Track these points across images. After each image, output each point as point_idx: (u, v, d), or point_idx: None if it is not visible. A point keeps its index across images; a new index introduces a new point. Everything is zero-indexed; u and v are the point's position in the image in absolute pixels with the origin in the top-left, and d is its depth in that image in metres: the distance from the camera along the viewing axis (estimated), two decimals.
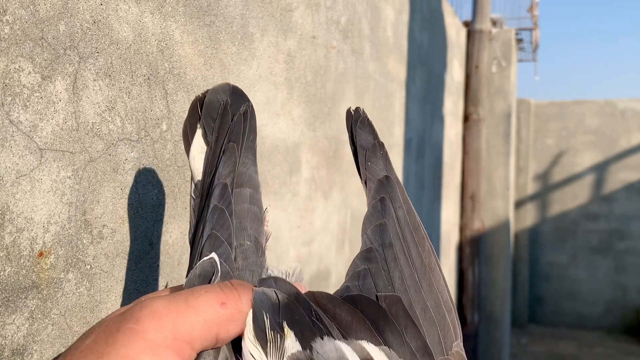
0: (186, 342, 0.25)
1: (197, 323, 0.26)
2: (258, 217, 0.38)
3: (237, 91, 0.41)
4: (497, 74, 3.03)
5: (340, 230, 1.14)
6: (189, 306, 0.26)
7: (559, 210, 5.10)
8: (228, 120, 0.39)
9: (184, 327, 0.25)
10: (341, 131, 1.12)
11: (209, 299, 0.27)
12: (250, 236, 0.36)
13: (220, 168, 0.37)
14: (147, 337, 0.24)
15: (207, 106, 0.39)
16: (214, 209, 0.34)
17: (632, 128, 4.91)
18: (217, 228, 0.34)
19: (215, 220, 0.34)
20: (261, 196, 0.40)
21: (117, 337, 0.24)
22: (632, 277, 4.91)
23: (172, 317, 0.25)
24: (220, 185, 0.36)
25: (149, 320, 0.25)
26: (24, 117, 0.43)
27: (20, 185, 0.43)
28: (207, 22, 0.67)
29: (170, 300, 0.26)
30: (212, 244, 0.33)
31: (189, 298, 0.27)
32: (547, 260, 5.16)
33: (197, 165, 0.38)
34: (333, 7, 1.05)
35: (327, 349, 0.27)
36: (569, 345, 4.56)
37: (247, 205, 0.37)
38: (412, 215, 0.36)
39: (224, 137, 0.38)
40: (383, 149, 0.39)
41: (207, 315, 0.26)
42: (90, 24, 0.49)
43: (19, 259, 0.43)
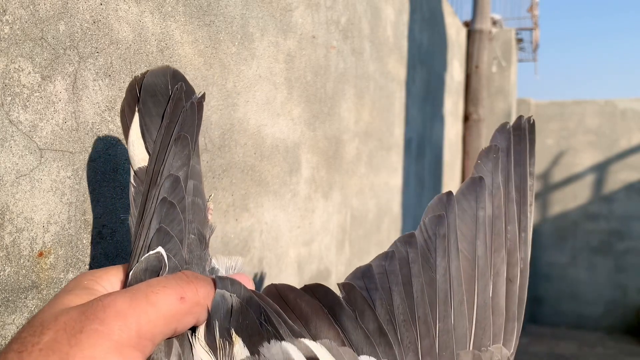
0: (149, 339, 0.26)
1: (159, 320, 0.26)
2: (202, 209, 0.37)
3: (178, 75, 0.39)
4: (497, 74, 3.02)
5: (340, 230, 1.14)
6: (149, 303, 0.26)
7: (559, 210, 5.10)
8: (181, 106, 0.37)
9: (146, 325, 0.26)
10: (341, 131, 1.12)
11: (168, 295, 0.27)
12: (194, 229, 0.36)
13: (170, 159, 0.35)
14: (112, 338, 0.24)
15: (145, 89, 0.37)
16: (163, 201, 0.34)
17: (633, 128, 4.91)
18: (166, 222, 0.33)
19: (165, 214, 0.33)
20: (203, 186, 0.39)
21: (81, 338, 0.24)
22: (632, 277, 4.91)
23: (136, 316, 0.25)
24: (171, 178, 0.35)
25: (114, 321, 0.25)
26: (23, 117, 0.43)
27: (20, 185, 0.43)
28: (207, 22, 0.67)
29: (132, 299, 0.26)
30: (160, 239, 0.33)
31: (149, 295, 0.27)
32: (547, 260, 5.16)
33: (137, 152, 0.37)
34: (333, 7, 1.05)
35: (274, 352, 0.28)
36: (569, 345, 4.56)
37: (192, 198, 0.37)
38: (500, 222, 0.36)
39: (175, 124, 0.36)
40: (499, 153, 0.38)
41: (167, 312, 0.27)
42: (90, 24, 0.49)
43: (18, 259, 0.43)
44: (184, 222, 0.34)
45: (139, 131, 0.37)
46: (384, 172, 1.44)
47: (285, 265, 0.91)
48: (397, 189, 1.58)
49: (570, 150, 5.06)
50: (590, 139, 5.01)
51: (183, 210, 0.34)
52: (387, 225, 1.49)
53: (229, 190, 0.73)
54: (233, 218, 0.74)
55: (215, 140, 0.69)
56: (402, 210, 1.64)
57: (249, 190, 0.78)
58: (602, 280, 5.00)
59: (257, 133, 0.79)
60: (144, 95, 0.37)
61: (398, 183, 1.59)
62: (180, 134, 0.36)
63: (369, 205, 1.32)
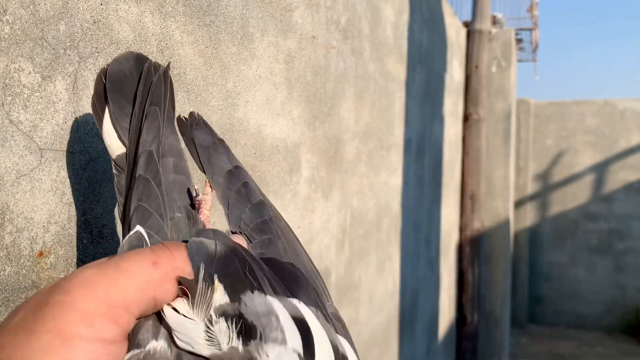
0: (121, 307, 0.24)
1: (130, 286, 0.24)
2: (186, 186, 0.37)
3: (142, 58, 0.40)
4: (497, 74, 3.03)
5: (340, 230, 1.14)
6: (119, 270, 0.25)
7: (558, 210, 5.10)
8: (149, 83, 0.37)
9: (116, 292, 0.24)
10: (341, 131, 1.12)
11: (140, 261, 0.26)
12: (180, 208, 0.35)
13: (143, 135, 0.35)
14: (78, 307, 0.23)
15: (111, 78, 0.38)
16: (139, 179, 0.33)
17: (632, 128, 4.91)
18: (143, 199, 0.33)
19: (141, 191, 0.33)
20: (186, 163, 0.39)
21: (45, 310, 0.23)
22: (632, 277, 4.91)
23: (104, 283, 0.24)
24: (145, 154, 0.34)
25: (79, 290, 0.23)
26: (24, 117, 0.43)
27: (20, 185, 0.43)
28: (207, 22, 0.67)
29: (100, 267, 0.25)
30: (139, 217, 0.32)
31: (119, 262, 0.25)
32: (547, 260, 5.16)
33: (112, 140, 0.37)
34: (333, 7, 1.05)
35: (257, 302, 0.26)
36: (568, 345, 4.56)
37: (173, 176, 0.37)
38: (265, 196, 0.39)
39: (145, 101, 0.37)
40: (224, 145, 0.39)
41: (139, 277, 0.25)
42: (90, 24, 0.49)
43: (19, 259, 0.43)
44: (161, 195, 0.33)
45: (110, 121, 0.37)
46: (384, 172, 1.44)
47: None
48: (397, 188, 1.58)
49: (569, 150, 5.07)
50: (590, 139, 5.01)
51: (159, 184, 0.34)
52: (387, 225, 1.49)
53: None
54: None
55: None
56: (402, 210, 1.64)
57: None
58: (602, 280, 5.00)
59: (257, 133, 0.80)
60: (110, 84, 0.37)
61: (398, 183, 1.59)
62: (150, 109, 0.36)
63: (368, 205, 1.33)
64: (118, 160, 0.37)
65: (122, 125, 0.37)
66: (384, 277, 1.49)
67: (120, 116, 0.37)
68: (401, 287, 1.67)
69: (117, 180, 0.36)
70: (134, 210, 0.32)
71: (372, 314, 1.40)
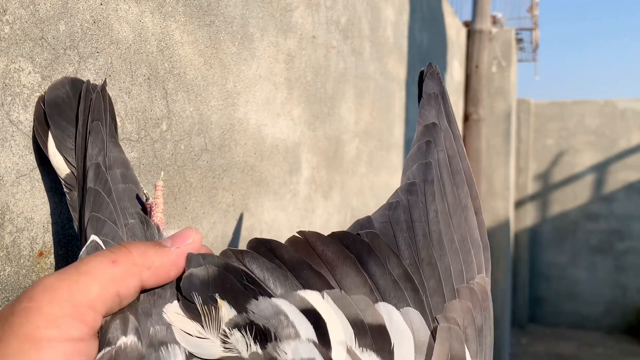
0: (86, 306, 0.25)
1: (92, 285, 0.25)
2: (135, 193, 0.38)
3: (77, 82, 0.42)
4: (497, 74, 3.03)
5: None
6: (80, 272, 0.26)
7: (559, 210, 5.10)
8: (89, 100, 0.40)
9: (79, 293, 0.25)
10: (341, 131, 1.12)
11: (99, 261, 0.27)
12: (132, 214, 0.37)
13: (89, 149, 0.37)
14: (43, 312, 0.24)
15: (49, 104, 0.40)
16: (89, 191, 0.35)
17: (632, 128, 4.91)
18: (96, 209, 0.34)
19: (93, 201, 0.34)
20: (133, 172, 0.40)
21: (13, 319, 0.24)
22: (632, 277, 4.91)
23: (66, 286, 0.25)
24: (93, 166, 0.36)
25: (42, 295, 0.24)
26: (24, 117, 0.43)
27: (20, 185, 0.43)
28: (207, 22, 0.67)
29: (62, 272, 0.26)
30: (94, 226, 0.33)
31: (79, 266, 0.26)
32: (547, 260, 5.16)
33: (59, 161, 0.39)
34: (333, 7, 1.05)
35: (263, 307, 0.28)
36: (569, 345, 4.56)
37: (122, 185, 0.38)
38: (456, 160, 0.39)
39: (87, 117, 0.39)
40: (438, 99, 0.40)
41: (100, 276, 0.26)
42: (90, 24, 0.49)
43: (19, 259, 0.43)
44: (112, 203, 0.35)
45: (54, 144, 0.39)
46: (384, 172, 1.44)
47: None
48: None
49: (570, 150, 5.07)
50: (590, 139, 5.01)
51: (109, 193, 0.35)
52: None
53: (229, 190, 0.73)
54: (233, 218, 0.75)
55: (215, 140, 0.69)
56: None
57: (249, 190, 0.78)
58: (602, 280, 5.00)
59: (257, 133, 0.80)
60: (49, 110, 0.40)
61: (398, 183, 1.59)
62: (92, 124, 0.38)
63: (369, 205, 1.33)
64: (67, 179, 0.39)
65: (67, 145, 0.39)
66: None
67: (64, 137, 0.39)
68: None
69: (69, 197, 0.38)
70: (87, 220, 0.33)
71: None
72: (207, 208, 0.68)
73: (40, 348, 0.23)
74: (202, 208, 0.67)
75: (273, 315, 0.27)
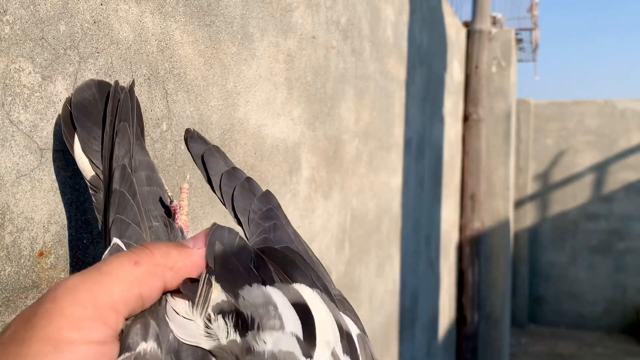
0: (108, 308, 0.25)
1: (115, 287, 0.25)
2: (160, 196, 0.39)
3: (104, 84, 0.43)
4: (497, 74, 3.03)
5: (340, 230, 1.14)
6: (102, 273, 0.25)
7: (558, 210, 5.10)
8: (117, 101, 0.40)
9: (101, 294, 0.25)
10: (341, 131, 1.12)
11: (121, 262, 0.26)
12: (156, 217, 0.37)
13: (116, 150, 0.37)
14: (65, 313, 0.23)
15: (76, 106, 0.41)
16: (114, 193, 0.35)
17: (632, 128, 4.91)
18: (120, 212, 0.34)
19: (118, 203, 0.34)
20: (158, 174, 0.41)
21: (34, 320, 0.23)
22: (632, 277, 4.91)
23: (88, 287, 0.24)
24: (119, 168, 0.36)
25: (65, 296, 0.24)
26: (24, 117, 0.43)
27: (21, 185, 0.43)
28: (207, 22, 0.67)
29: (84, 273, 0.25)
30: (117, 229, 0.33)
31: (101, 267, 0.26)
32: (547, 260, 5.16)
33: (84, 163, 0.40)
34: (333, 7, 1.05)
35: (254, 295, 0.27)
36: (568, 345, 4.56)
37: (147, 188, 0.38)
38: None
39: (115, 118, 0.39)
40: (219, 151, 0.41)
41: (123, 278, 0.26)
42: (91, 24, 0.49)
43: (19, 259, 0.43)
44: (137, 205, 0.35)
45: (80, 146, 0.40)
46: (384, 172, 1.45)
47: None
48: (397, 189, 1.58)
49: (569, 150, 5.07)
50: (590, 139, 5.01)
51: (134, 195, 0.35)
52: (387, 225, 1.49)
53: None
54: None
55: (216, 140, 0.69)
56: (402, 210, 1.64)
57: None
58: (602, 280, 5.00)
59: (257, 133, 0.80)
60: (75, 112, 0.40)
61: (398, 183, 1.59)
62: (119, 125, 0.38)
63: (369, 205, 1.33)
64: (92, 181, 0.39)
65: (93, 148, 0.40)
66: (384, 277, 1.49)
67: (89, 140, 0.40)
68: (401, 287, 1.67)
69: (95, 199, 0.39)
70: (112, 223, 0.33)
71: (372, 314, 1.40)
72: (207, 208, 0.68)
73: (61, 350, 0.23)
74: (202, 208, 0.67)
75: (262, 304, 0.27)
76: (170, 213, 0.38)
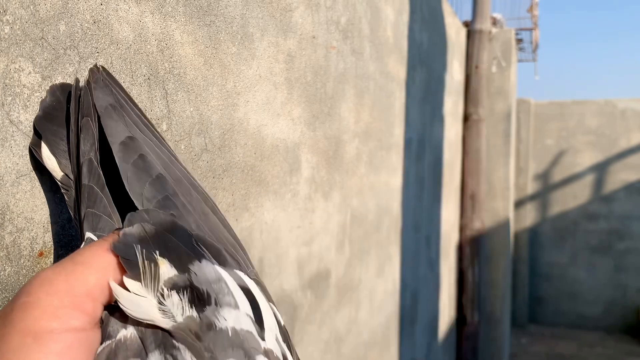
0: (84, 296, 0.25)
1: (89, 275, 0.25)
2: None
3: (65, 85, 0.43)
4: (497, 74, 3.03)
5: (340, 230, 1.14)
6: (76, 263, 0.26)
7: (558, 210, 5.10)
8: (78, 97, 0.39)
9: (76, 283, 0.25)
10: (341, 131, 1.12)
11: (93, 250, 0.26)
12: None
13: (81, 146, 0.37)
14: (42, 304, 0.24)
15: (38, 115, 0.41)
16: (83, 188, 0.34)
17: (632, 128, 4.91)
18: (90, 205, 0.34)
19: (87, 198, 0.34)
20: None
21: (13, 315, 0.24)
22: (632, 277, 4.91)
23: (62, 278, 0.25)
24: (86, 162, 0.36)
25: (40, 288, 0.24)
26: (24, 117, 0.43)
27: (21, 185, 0.43)
28: (207, 22, 0.67)
29: (57, 265, 0.26)
30: (90, 222, 0.33)
31: (75, 257, 0.26)
32: (547, 260, 5.16)
33: (53, 163, 0.39)
34: (333, 7, 1.05)
35: (206, 271, 0.27)
36: (569, 345, 4.56)
37: None
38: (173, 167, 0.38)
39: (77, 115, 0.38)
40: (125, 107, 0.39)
41: (96, 265, 0.26)
42: (91, 24, 0.49)
43: (19, 259, 0.43)
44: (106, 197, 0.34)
45: (47, 147, 0.40)
46: (384, 172, 1.44)
47: (285, 265, 0.91)
48: (397, 189, 1.58)
49: (570, 150, 5.07)
50: (590, 139, 5.01)
51: (102, 187, 0.35)
52: (387, 225, 1.49)
53: (229, 190, 0.73)
54: (233, 218, 0.75)
55: (216, 140, 0.69)
56: (402, 210, 1.64)
57: (249, 190, 0.78)
58: (602, 280, 5.00)
59: (257, 133, 0.80)
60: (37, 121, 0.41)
61: (398, 183, 1.59)
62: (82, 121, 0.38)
63: (369, 205, 1.33)
64: (63, 180, 0.39)
65: (60, 148, 0.39)
66: (384, 277, 1.49)
67: (56, 141, 0.40)
68: (401, 287, 1.67)
69: (67, 198, 0.39)
70: (84, 217, 0.33)
71: (372, 314, 1.40)
72: None
73: (41, 340, 0.23)
74: None
75: (215, 280, 0.27)
76: None
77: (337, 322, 1.15)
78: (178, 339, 0.25)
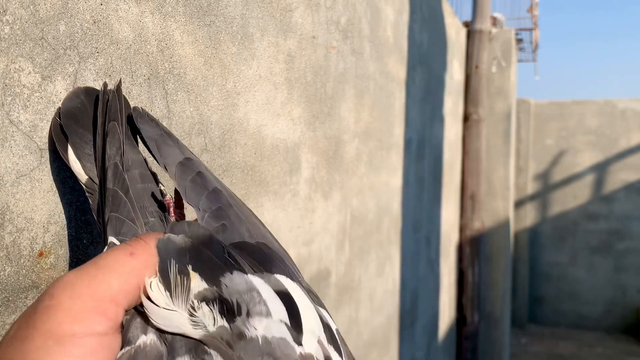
0: (107, 300, 0.25)
1: (112, 279, 0.25)
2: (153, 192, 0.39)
3: (90, 90, 0.43)
4: (497, 74, 3.03)
5: (340, 230, 1.14)
6: (99, 267, 0.26)
7: (558, 210, 5.10)
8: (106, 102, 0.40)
9: (99, 287, 0.25)
10: (341, 131, 1.12)
11: (116, 255, 0.27)
12: (152, 213, 0.37)
13: (107, 150, 0.37)
14: (65, 308, 0.24)
15: (65, 114, 0.42)
16: (108, 192, 0.35)
17: (632, 128, 4.91)
18: (114, 209, 0.34)
19: (112, 202, 0.34)
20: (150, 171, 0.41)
21: (35, 318, 0.24)
22: (632, 277, 4.91)
23: (86, 282, 0.25)
24: (111, 166, 0.36)
25: (63, 292, 0.24)
26: (24, 117, 0.43)
27: (20, 185, 0.43)
28: (207, 22, 0.67)
29: (81, 268, 0.26)
30: (113, 227, 0.33)
31: (98, 261, 0.26)
32: (547, 260, 5.16)
33: (78, 167, 0.40)
34: (333, 7, 1.05)
35: (237, 282, 0.27)
36: (569, 345, 4.56)
37: (140, 185, 0.38)
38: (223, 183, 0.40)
39: (105, 118, 0.39)
40: (173, 137, 0.41)
41: (119, 269, 0.26)
42: (90, 24, 0.49)
43: (19, 259, 0.43)
44: (130, 202, 0.35)
45: (73, 151, 0.40)
46: (384, 172, 1.44)
47: None
48: (397, 189, 1.58)
49: (570, 150, 5.07)
50: (590, 139, 5.01)
51: (126, 192, 0.35)
52: (387, 225, 1.49)
53: None
54: None
55: (215, 141, 0.69)
56: (402, 210, 1.64)
57: (249, 190, 0.78)
58: (602, 280, 5.00)
59: (257, 133, 0.80)
60: (65, 120, 0.41)
61: (398, 183, 1.59)
62: (109, 125, 0.39)
63: (369, 205, 1.33)
64: (87, 184, 0.40)
65: (86, 152, 0.40)
66: (384, 277, 1.49)
67: (81, 144, 0.40)
68: (401, 287, 1.67)
69: (91, 201, 0.39)
70: (107, 221, 0.34)
71: (372, 314, 1.40)
72: None
73: (63, 343, 0.23)
74: None
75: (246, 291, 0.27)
76: (164, 207, 0.38)
77: (337, 322, 1.15)
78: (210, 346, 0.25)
